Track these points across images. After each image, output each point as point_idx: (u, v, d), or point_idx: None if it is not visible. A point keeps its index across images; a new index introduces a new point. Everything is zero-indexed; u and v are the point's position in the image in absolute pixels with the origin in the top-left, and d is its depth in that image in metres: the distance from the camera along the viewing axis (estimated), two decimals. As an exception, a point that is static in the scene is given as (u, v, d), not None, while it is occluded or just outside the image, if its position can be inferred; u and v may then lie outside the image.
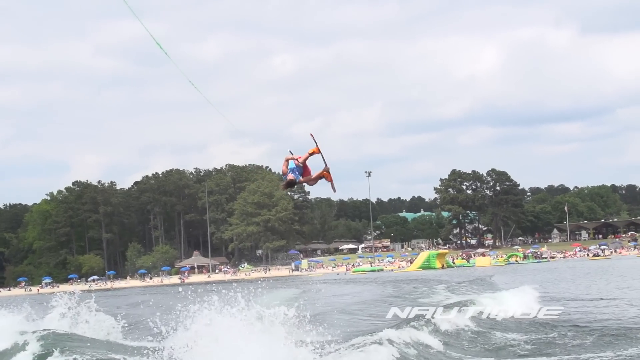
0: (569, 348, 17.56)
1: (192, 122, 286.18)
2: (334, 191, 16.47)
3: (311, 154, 15.53)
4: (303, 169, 15.64)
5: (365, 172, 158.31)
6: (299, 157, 15.56)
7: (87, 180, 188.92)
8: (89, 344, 17.44)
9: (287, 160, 15.51)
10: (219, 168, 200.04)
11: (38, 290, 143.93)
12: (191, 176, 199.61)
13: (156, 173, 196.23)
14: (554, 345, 18.23)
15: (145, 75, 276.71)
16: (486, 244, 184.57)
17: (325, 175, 15.75)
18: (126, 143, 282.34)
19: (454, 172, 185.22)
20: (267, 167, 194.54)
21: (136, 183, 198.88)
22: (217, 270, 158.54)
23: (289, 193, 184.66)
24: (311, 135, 15.56)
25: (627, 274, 56.91)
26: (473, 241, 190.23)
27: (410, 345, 17.03)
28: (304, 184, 16.16)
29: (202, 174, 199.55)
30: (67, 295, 25.25)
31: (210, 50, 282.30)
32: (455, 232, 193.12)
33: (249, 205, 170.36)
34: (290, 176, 15.36)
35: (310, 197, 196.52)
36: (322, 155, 15.58)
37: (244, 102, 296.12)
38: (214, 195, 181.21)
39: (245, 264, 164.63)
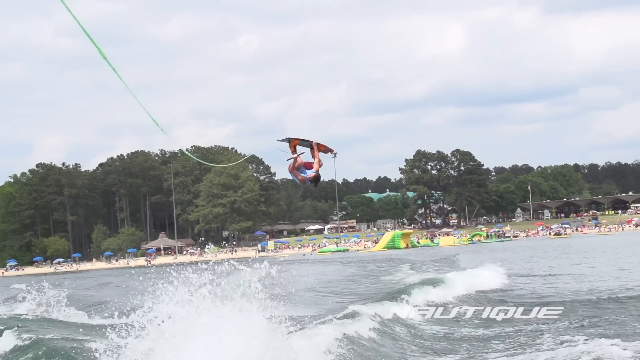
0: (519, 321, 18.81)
1: (155, 103, 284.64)
2: (333, 151, 16.22)
3: (298, 154, 15.10)
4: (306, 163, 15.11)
5: (331, 153, 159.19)
6: (298, 158, 15.01)
7: (51, 162, 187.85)
8: (49, 325, 17.86)
9: (295, 170, 14.97)
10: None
11: (2, 273, 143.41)
12: (156, 158, 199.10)
13: (121, 155, 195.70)
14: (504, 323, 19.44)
15: (108, 55, 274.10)
16: (451, 224, 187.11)
17: (320, 147, 15.37)
18: (90, 124, 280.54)
19: (418, 152, 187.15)
20: (232, 148, 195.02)
21: (101, 165, 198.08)
22: (183, 252, 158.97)
23: (254, 174, 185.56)
24: (283, 140, 15.33)
25: (583, 251, 58.73)
26: (438, 221, 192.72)
27: (378, 320, 17.92)
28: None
29: (167, 155, 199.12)
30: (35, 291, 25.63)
31: (174, 30, 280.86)
32: (420, 212, 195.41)
33: (214, 186, 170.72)
34: (310, 174, 14.79)
35: (276, 178, 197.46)
36: (300, 140, 15.32)
37: (208, 83, 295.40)
38: (179, 176, 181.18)
39: (212, 246, 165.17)
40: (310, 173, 14.80)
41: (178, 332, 10.79)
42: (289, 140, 15.33)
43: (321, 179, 15.19)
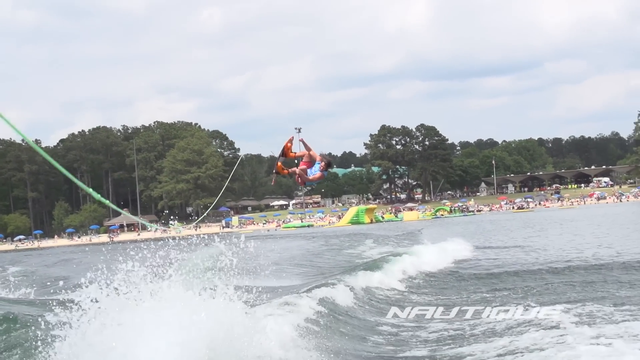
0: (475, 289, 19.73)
1: (117, 78, 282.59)
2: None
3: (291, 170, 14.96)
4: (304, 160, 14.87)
5: (295, 129, 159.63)
6: (296, 170, 14.75)
7: (10, 139, 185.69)
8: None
9: (304, 177, 14.62)
10: (147, 125, 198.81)
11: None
12: (119, 134, 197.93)
13: (82, 131, 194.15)
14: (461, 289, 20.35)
15: (68, 29, 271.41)
16: (416, 199, 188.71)
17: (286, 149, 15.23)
18: (50, 99, 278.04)
19: (383, 127, 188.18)
20: (196, 123, 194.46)
21: (62, 141, 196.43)
22: (147, 229, 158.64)
23: (218, 150, 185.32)
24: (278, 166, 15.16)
25: (540, 225, 60.15)
26: (403, 196, 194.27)
27: (348, 292, 18.49)
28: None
29: (129, 131, 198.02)
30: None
31: (137, 3, 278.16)
32: (385, 187, 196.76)
33: (178, 162, 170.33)
34: (317, 174, 14.56)
35: (240, 153, 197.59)
36: (279, 157, 15.20)
37: (171, 57, 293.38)
38: (142, 152, 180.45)
39: (175, 222, 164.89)
40: (317, 172, 14.64)
41: (135, 303, 10.58)
42: (276, 171, 15.41)
43: (330, 160, 14.88)
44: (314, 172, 14.67)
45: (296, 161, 15.19)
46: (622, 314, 13.66)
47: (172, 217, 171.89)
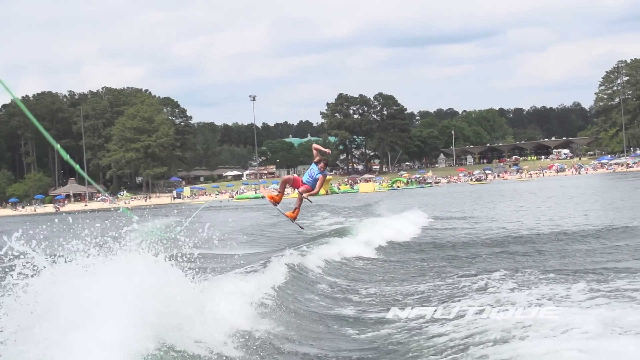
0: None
1: (61, 41, 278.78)
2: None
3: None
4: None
5: (250, 96, 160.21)
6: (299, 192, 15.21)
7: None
8: None
9: (307, 190, 15.10)
10: (95, 91, 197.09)
11: None
12: (65, 99, 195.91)
13: (26, 96, 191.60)
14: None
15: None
16: (373, 170, 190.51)
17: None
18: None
19: (340, 96, 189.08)
20: (146, 90, 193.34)
21: (4, 106, 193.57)
22: (94, 199, 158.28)
23: (170, 118, 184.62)
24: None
25: (493, 196, 62.07)
26: (360, 167, 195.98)
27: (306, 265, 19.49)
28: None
29: (76, 97, 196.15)
30: None
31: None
32: (342, 157, 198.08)
33: (127, 130, 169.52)
34: (319, 181, 14.95)
35: (192, 122, 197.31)
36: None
37: (120, 19, 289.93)
38: (90, 120, 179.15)
39: (125, 192, 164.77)
40: (318, 176, 14.99)
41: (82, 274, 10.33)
42: (275, 203, 15.88)
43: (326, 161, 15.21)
44: (315, 178, 15.02)
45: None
46: (547, 280, 15.06)
47: (122, 188, 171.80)
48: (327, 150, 15.25)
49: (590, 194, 56.30)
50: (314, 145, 15.51)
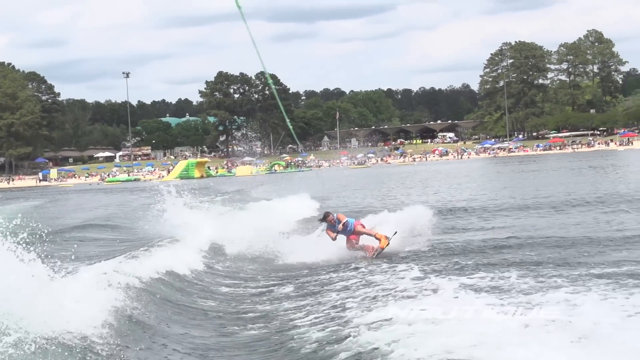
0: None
1: None
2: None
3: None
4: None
5: (123, 73, 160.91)
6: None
7: None
8: None
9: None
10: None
11: None
12: None
13: None
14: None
15: None
16: (255, 152, 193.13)
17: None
18: None
19: (220, 74, 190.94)
20: (9, 63, 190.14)
21: None
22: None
23: (35, 94, 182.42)
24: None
25: (364, 181, 66.57)
26: (241, 149, 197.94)
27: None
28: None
29: None
30: None
31: None
32: (222, 139, 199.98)
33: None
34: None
35: (61, 98, 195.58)
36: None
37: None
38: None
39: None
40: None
41: None
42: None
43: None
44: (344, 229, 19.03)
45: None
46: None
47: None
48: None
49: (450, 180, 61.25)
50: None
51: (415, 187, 52.92)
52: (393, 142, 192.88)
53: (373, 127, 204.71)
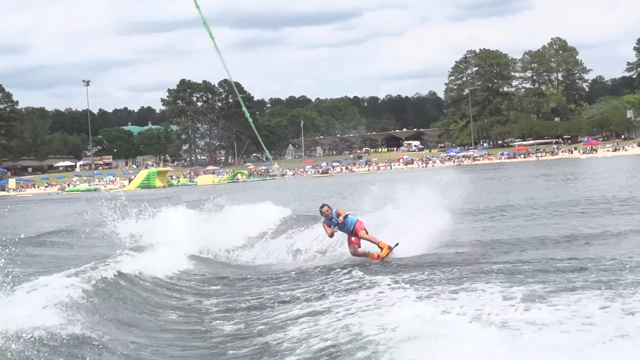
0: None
1: None
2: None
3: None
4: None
5: (84, 81, 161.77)
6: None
7: None
8: None
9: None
10: None
11: None
12: None
13: None
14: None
15: None
16: (219, 161, 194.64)
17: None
18: None
19: (183, 82, 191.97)
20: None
21: None
22: None
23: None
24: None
25: (318, 190, 68.37)
26: (205, 158, 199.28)
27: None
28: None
29: None
30: None
31: None
32: (185, 148, 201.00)
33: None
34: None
35: (19, 107, 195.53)
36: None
37: None
38: None
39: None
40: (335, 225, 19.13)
41: None
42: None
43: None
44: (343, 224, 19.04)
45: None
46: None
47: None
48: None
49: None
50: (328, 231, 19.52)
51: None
52: (358, 151, 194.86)
53: (339, 136, 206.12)
